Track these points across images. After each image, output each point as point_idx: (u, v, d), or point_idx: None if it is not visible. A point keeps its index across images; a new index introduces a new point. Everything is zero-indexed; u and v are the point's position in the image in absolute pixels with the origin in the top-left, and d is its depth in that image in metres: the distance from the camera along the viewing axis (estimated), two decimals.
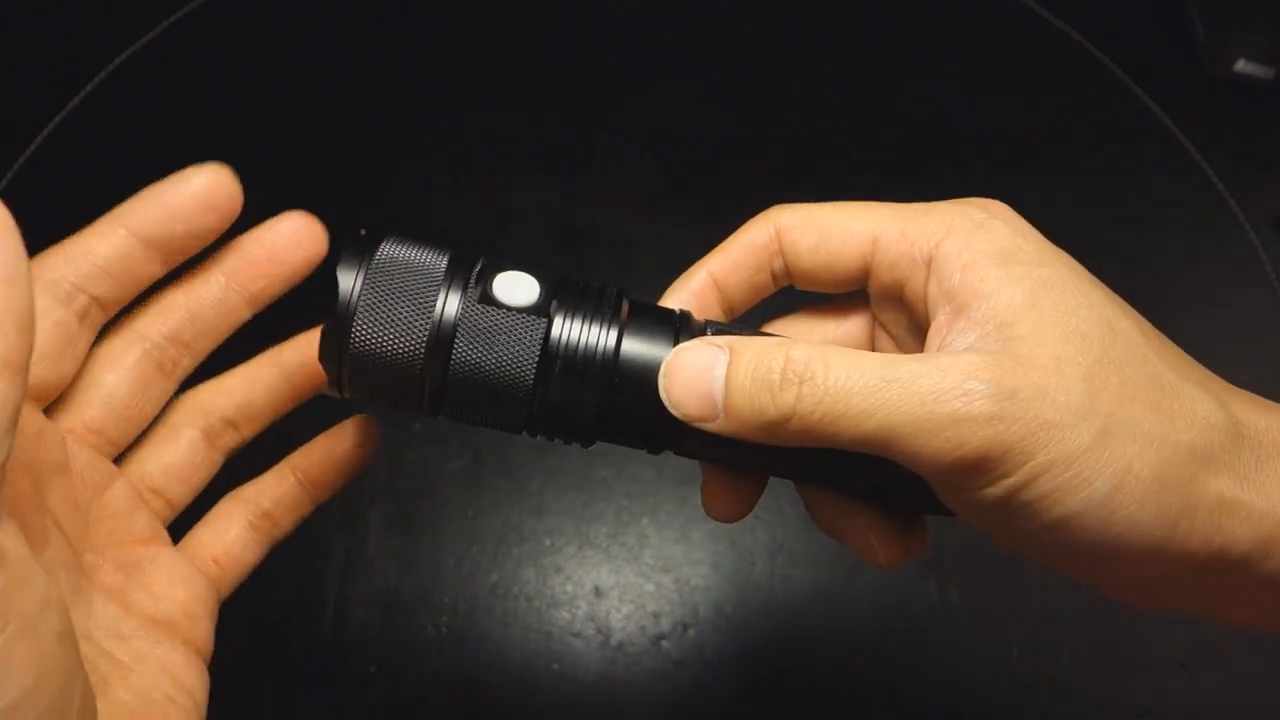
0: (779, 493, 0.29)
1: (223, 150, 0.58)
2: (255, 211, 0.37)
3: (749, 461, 0.27)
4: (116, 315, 0.29)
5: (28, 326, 0.19)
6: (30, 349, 0.19)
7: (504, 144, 0.61)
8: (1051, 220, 0.28)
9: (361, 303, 0.25)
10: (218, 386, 0.31)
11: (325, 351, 0.26)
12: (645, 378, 0.26)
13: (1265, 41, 0.64)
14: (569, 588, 0.49)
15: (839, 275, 0.29)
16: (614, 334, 0.26)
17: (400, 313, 0.25)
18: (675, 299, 0.30)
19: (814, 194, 0.30)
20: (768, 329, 0.31)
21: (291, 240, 0.30)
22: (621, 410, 0.26)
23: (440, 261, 0.26)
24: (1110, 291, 0.26)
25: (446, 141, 0.61)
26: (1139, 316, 0.26)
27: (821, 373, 0.23)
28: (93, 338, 0.28)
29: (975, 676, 0.48)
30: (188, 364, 0.30)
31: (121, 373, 0.28)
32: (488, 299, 0.25)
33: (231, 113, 0.61)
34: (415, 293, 0.25)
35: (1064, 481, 0.23)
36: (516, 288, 0.26)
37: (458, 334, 0.25)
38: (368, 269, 0.25)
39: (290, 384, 0.32)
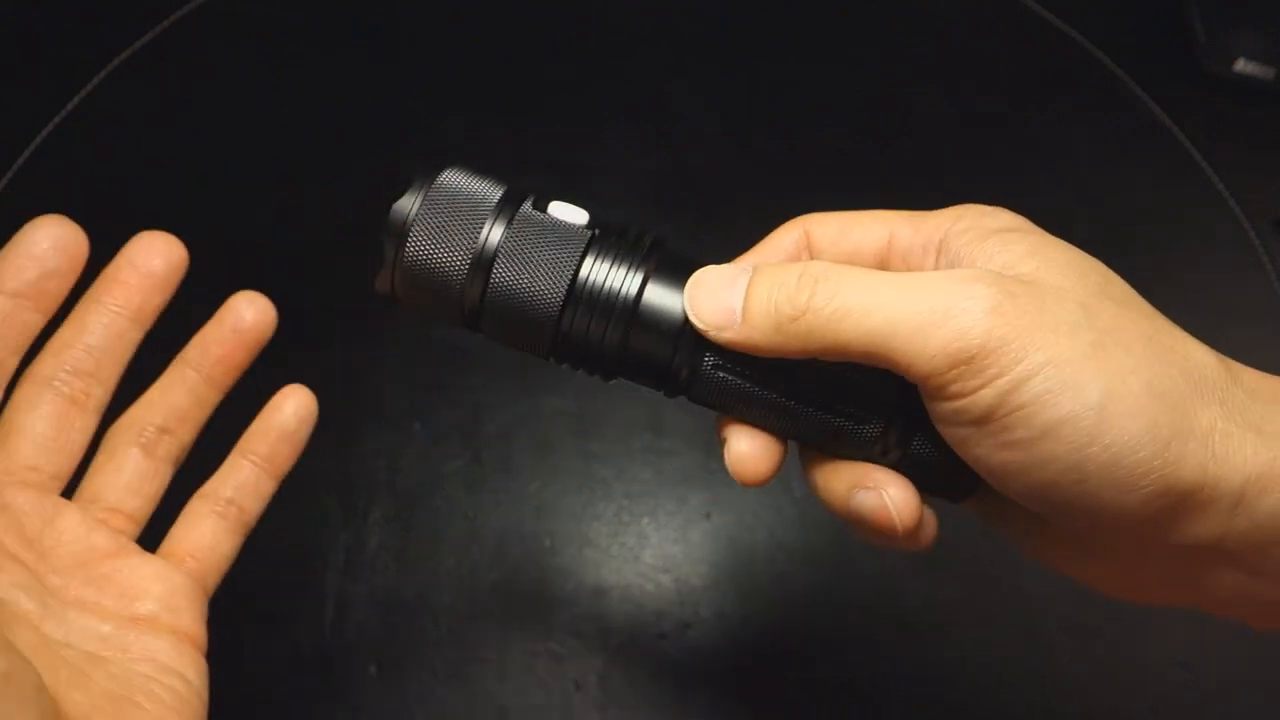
0: (779, 493, 0.30)
1: (222, 150, 0.58)
2: (257, 211, 0.37)
3: (756, 395, 0.28)
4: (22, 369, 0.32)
5: None
6: None
7: (505, 144, 0.61)
8: (1051, 220, 0.28)
9: (418, 218, 0.28)
10: (140, 403, 0.34)
11: (383, 261, 0.28)
12: (667, 311, 0.28)
13: (1265, 41, 0.64)
14: (569, 588, 0.49)
15: (860, 265, 0.30)
16: (643, 272, 0.28)
17: (450, 230, 0.28)
18: None
19: (813, 193, 0.30)
20: None
21: (149, 254, 0.33)
22: (641, 343, 0.28)
23: (496, 192, 0.29)
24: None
25: (447, 142, 0.61)
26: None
27: (836, 275, 0.25)
28: None
29: (975, 676, 0.48)
30: (100, 393, 0.33)
31: (39, 412, 0.31)
32: (540, 209, 0.28)
33: (231, 113, 0.61)
34: (467, 214, 0.28)
35: (1057, 383, 0.23)
36: (568, 211, 0.28)
37: (500, 251, 0.28)
38: (429, 189, 0.28)
39: (204, 376, 0.34)
